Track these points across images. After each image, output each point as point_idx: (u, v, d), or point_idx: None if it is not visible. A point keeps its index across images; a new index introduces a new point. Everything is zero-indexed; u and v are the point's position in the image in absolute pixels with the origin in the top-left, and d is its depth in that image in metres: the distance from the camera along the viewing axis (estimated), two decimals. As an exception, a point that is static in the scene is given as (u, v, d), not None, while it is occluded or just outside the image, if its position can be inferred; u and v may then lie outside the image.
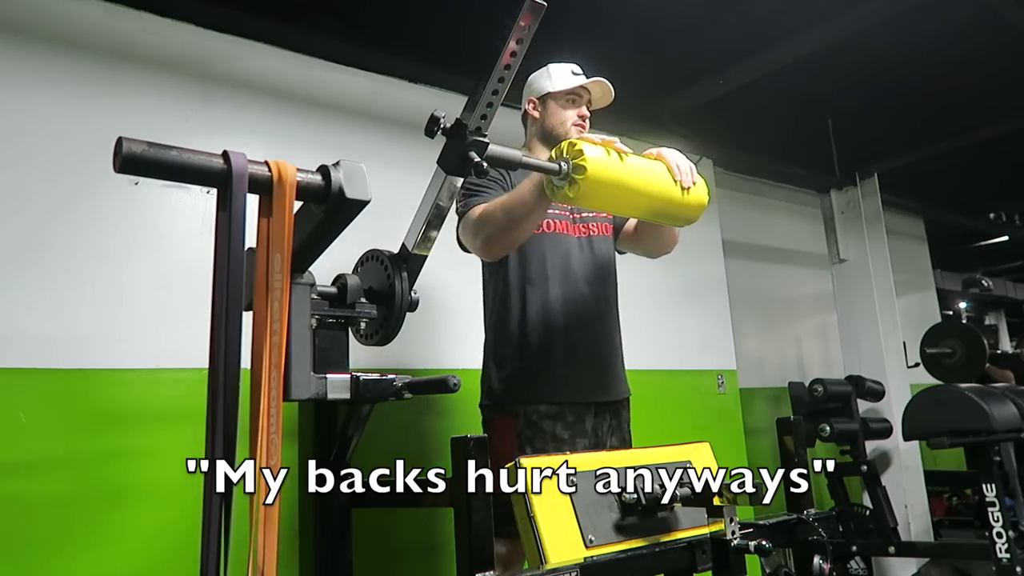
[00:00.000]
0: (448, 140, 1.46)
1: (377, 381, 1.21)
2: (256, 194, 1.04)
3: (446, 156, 1.47)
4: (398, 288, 1.32)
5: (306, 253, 1.17)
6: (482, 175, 1.46)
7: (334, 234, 1.15)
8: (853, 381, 4.33)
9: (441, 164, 1.48)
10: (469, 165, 1.42)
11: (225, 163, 1.02)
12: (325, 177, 1.07)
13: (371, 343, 1.38)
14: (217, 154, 1.03)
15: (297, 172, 1.06)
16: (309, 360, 1.17)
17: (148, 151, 0.94)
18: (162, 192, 2.30)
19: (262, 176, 1.04)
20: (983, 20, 3.24)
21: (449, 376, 1.22)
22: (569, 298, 1.97)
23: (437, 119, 1.44)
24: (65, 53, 2.20)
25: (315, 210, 1.12)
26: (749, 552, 1.28)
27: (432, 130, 1.44)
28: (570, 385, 1.89)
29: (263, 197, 1.05)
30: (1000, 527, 3.44)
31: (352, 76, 2.75)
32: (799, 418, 1.66)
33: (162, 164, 0.96)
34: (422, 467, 1.57)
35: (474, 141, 1.43)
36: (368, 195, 1.09)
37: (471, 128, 1.41)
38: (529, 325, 1.93)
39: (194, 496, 2.16)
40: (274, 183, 1.03)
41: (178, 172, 0.98)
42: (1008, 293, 9.58)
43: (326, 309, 1.29)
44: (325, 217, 1.12)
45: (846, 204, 4.89)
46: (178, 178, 0.99)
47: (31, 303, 2.02)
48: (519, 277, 1.97)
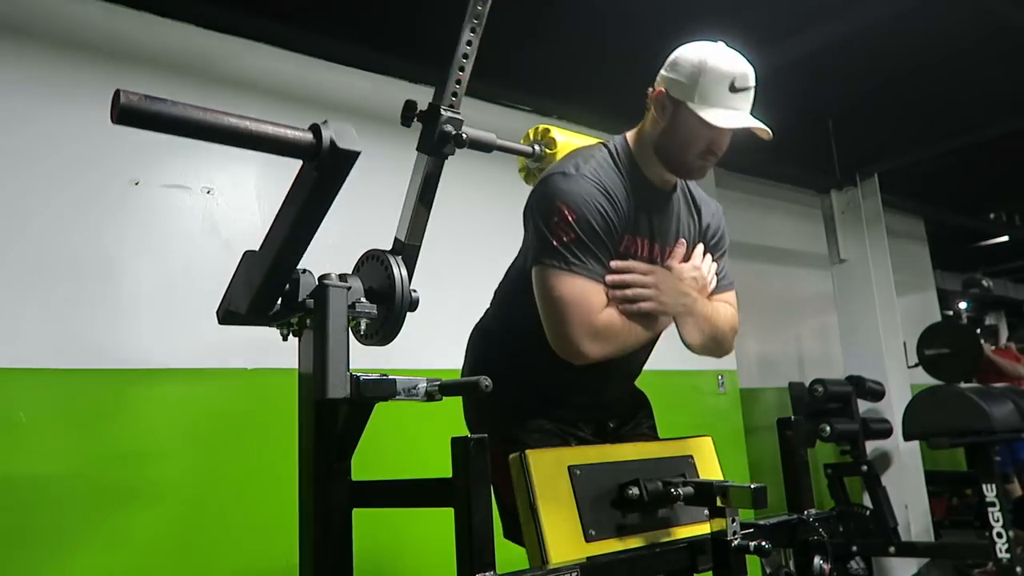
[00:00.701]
0: (424, 125, 1.47)
1: (377, 381, 1.21)
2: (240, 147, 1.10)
3: (424, 139, 1.48)
4: (398, 288, 1.32)
5: (307, 217, 1.20)
6: (461, 146, 1.45)
7: (331, 193, 1.17)
8: (853, 381, 4.33)
9: (420, 148, 1.49)
10: (448, 139, 1.44)
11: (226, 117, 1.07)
12: (316, 134, 1.11)
13: (371, 343, 1.38)
14: (215, 109, 1.07)
15: (288, 130, 1.10)
16: (345, 360, 1.18)
17: (143, 102, 0.99)
18: (162, 192, 2.30)
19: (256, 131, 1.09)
20: (983, 20, 3.24)
21: (481, 378, 1.22)
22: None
23: (413, 105, 1.45)
24: (65, 53, 2.20)
25: (309, 169, 1.16)
26: (749, 552, 1.28)
27: (408, 117, 1.46)
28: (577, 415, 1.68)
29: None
30: (1000, 527, 3.44)
31: (352, 76, 2.75)
32: (799, 418, 1.66)
33: (157, 116, 1.01)
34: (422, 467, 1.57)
35: (449, 118, 1.45)
36: (358, 146, 1.12)
37: (444, 106, 1.45)
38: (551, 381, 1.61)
39: (194, 496, 2.17)
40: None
41: (174, 125, 1.03)
42: (1008, 293, 9.59)
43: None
44: (319, 175, 1.14)
45: (846, 204, 4.89)
46: (173, 131, 1.04)
47: (31, 303, 2.02)
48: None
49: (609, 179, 1.54)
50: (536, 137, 1.74)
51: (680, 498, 1.36)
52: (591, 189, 1.49)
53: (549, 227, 1.47)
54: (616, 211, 1.51)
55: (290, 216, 1.22)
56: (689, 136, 1.52)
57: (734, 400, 3.82)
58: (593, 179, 1.51)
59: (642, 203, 1.58)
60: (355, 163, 1.13)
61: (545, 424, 1.63)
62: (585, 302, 1.45)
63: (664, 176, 1.61)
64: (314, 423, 1.32)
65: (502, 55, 3.08)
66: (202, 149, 2.40)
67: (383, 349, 1.39)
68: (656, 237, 1.61)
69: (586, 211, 1.47)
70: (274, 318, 1.37)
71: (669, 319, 1.56)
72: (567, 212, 1.46)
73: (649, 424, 1.82)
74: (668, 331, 1.61)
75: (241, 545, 2.22)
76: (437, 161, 1.48)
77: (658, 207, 1.62)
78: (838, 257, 4.87)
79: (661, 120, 1.54)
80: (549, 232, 1.47)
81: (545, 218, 1.48)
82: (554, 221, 1.46)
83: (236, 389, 2.29)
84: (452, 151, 1.47)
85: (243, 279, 1.36)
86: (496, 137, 1.60)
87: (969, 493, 5.38)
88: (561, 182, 1.50)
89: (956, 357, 5.03)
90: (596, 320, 1.45)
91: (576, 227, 1.46)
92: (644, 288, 1.50)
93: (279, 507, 2.26)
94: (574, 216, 1.46)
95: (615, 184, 1.54)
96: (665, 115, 1.54)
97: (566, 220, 1.46)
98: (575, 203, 1.47)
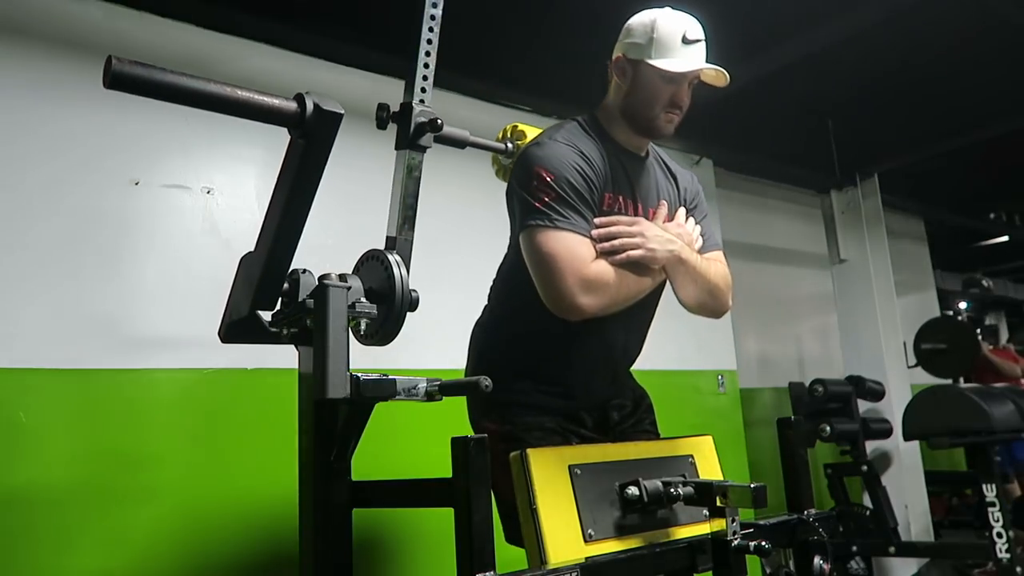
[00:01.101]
0: (399, 123, 1.50)
1: (378, 381, 1.21)
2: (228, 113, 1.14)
3: (400, 136, 1.50)
4: (398, 287, 1.32)
5: (300, 190, 1.23)
6: (437, 131, 1.46)
7: (320, 160, 1.21)
8: (853, 381, 4.33)
9: (398, 146, 1.51)
10: (424, 130, 1.47)
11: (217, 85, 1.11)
12: (300, 102, 1.17)
13: (371, 343, 1.38)
14: (204, 77, 1.10)
15: (274, 98, 1.15)
16: (345, 360, 1.19)
17: (134, 68, 1.03)
18: (162, 192, 2.30)
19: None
20: (983, 20, 3.24)
21: (481, 378, 1.23)
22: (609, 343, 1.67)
23: (385, 106, 1.48)
24: (65, 53, 2.20)
25: (296, 138, 1.20)
26: (749, 552, 1.28)
27: (382, 118, 1.48)
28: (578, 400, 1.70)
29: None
30: (1000, 527, 3.45)
31: (352, 76, 2.75)
32: (799, 418, 1.66)
33: (147, 81, 1.04)
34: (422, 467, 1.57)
35: (421, 112, 1.48)
36: (340, 109, 1.17)
37: (415, 102, 1.48)
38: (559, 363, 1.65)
39: (193, 496, 2.17)
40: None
41: (163, 90, 1.06)
42: (1008, 293, 9.59)
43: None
44: (307, 142, 1.18)
45: (846, 204, 4.89)
46: (163, 96, 1.07)
47: (31, 303, 2.02)
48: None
49: (581, 142, 1.60)
50: (510, 135, 1.77)
51: (680, 498, 1.36)
52: (565, 150, 1.56)
53: (530, 191, 1.52)
54: (592, 168, 1.56)
55: (284, 192, 1.25)
56: (651, 92, 1.59)
57: (734, 400, 3.82)
58: (565, 142, 1.58)
59: (618, 164, 1.63)
60: (339, 127, 1.18)
61: (547, 422, 1.63)
62: (574, 254, 1.47)
63: (633, 139, 1.67)
64: (314, 423, 1.32)
65: (503, 55, 3.09)
66: (202, 149, 2.41)
67: (383, 349, 1.39)
68: (638, 198, 1.65)
69: (563, 170, 1.52)
70: (274, 322, 1.37)
71: (661, 273, 1.58)
72: (545, 174, 1.51)
73: (651, 420, 1.83)
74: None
75: (241, 545, 2.22)
76: (416, 154, 1.50)
77: (635, 170, 1.67)
78: (838, 257, 4.87)
79: (623, 83, 1.62)
80: (531, 196, 1.51)
81: (525, 185, 1.54)
82: (534, 185, 1.51)
83: (236, 389, 2.29)
84: (430, 143, 1.50)
85: (243, 281, 1.36)
86: (469, 134, 1.64)
87: (969, 493, 5.38)
88: (535, 150, 1.57)
89: (953, 353, 5.04)
90: (587, 270, 1.47)
91: (556, 186, 1.51)
92: (631, 238, 1.52)
93: (279, 507, 2.27)
94: (552, 176, 1.51)
95: (588, 146, 1.60)
96: (627, 78, 1.62)
97: (545, 181, 1.51)
98: (551, 165, 1.53)
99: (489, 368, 1.58)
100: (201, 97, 1.10)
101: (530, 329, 1.63)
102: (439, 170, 2.34)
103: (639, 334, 1.75)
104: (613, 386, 1.74)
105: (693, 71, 1.56)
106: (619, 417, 1.75)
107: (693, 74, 1.58)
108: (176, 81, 1.07)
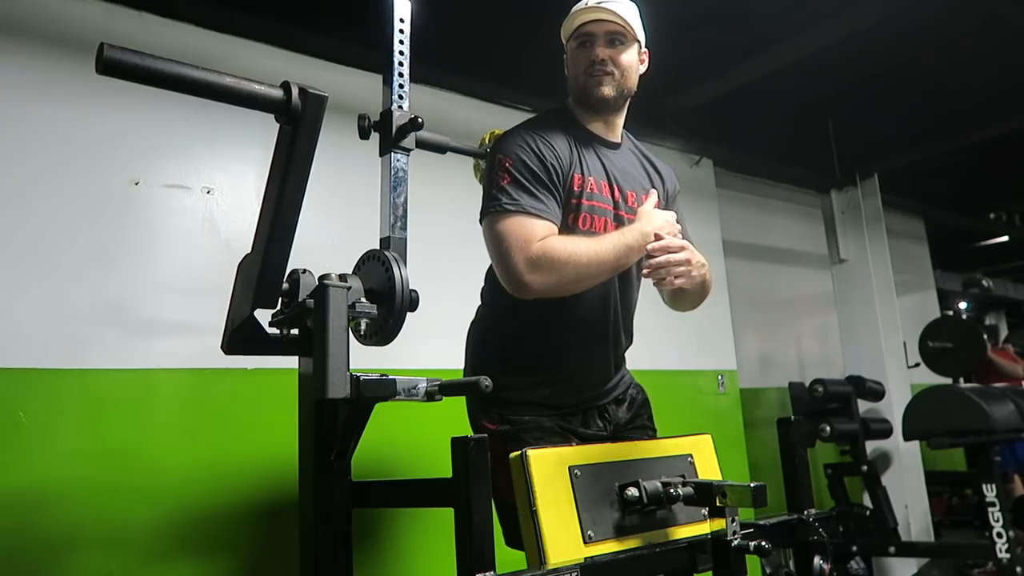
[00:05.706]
0: (381, 131, 1.52)
1: (377, 381, 1.21)
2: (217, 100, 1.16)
3: (383, 142, 1.52)
4: (398, 287, 1.32)
5: (292, 178, 1.24)
6: (418, 128, 1.48)
7: (309, 145, 1.23)
8: (853, 381, 4.33)
9: (383, 152, 1.52)
10: (405, 132, 1.49)
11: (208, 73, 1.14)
12: (286, 89, 1.21)
13: (371, 343, 1.38)
14: (195, 64, 1.13)
15: (261, 85, 1.19)
16: (345, 360, 1.19)
17: (126, 55, 1.06)
18: (162, 192, 2.30)
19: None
20: (983, 20, 3.24)
21: (481, 378, 1.23)
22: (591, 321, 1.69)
23: (365, 116, 1.51)
24: (65, 53, 2.20)
25: (284, 125, 1.23)
26: (749, 552, 1.28)
27: (364, 127, 1.51)
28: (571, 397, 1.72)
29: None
30: (1000, 527, 3.44)
31: (352, 76, 2.75)
32: (799, 418, 1.66)
33: (138, 68, 1.07)
34: (422, 467, 1.57)
35: (401, 115, 1.50)
36: (325, 93, 1.21)
37: (395, 107, 1.50)
38: (542, 348, 1.68)
39: (193, 496, 2.17)
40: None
41: (154, 77, 1.09)
42: (1008, 293, 9.58)
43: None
44: (295, 128, 1.21)
45: (846, 204, 4.89)
46: (154, 82, 1.10)
47: (31, 303, 2.02)
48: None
49: (546, 126, 1.67)
50: (489, 142, 1.82)
51: (680, 498, 1.36)
52: (524, 135, 1.63)
53: (491, 179, 1.60)
54: (553, 150, 1.62)
55: (276, 182, 1.27)
56: (573, 63, 1.70)
57: (734, 400, 3.82)
58: (526, 128, 1.66)
59: (590, 148, 1.70)
60: (324, 110, 1.21)
61: (545, 420, 1.65)
62: (520, 234, 1.52)
63: (598, 125, 1.74)
64: (314, 423, 1.32)
65: (502, 55, 3.09)
66: (202, 149, 2.40)
67: (383, 349, 1.39)
68: (617, 181, 1.71)
69: (520, 153, 1.59)
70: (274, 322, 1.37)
71: (636, 263, 1.63)
72: (503, 159, 1.59)
73: (648, 415, 1.86)
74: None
75: (241, 545, 2.22)
76: (401, 156, 1.52)
77: (609, 155, 1.74)
78: (838, 257, 4.87)
79: (566, 71, 1.74)
80: (490, 184, 1.60)
81: (488, 174, 1.63)
82: (495, 172, 1.59)
83: (236, 389, 2.29)
84: (412, 144, 1.52)
85: (242, 283, 1.36)
86: (450, 140, 1.69)
87: (969, 493, 5.38)
88: (499, 140, 1.67)
89: (959, 352, 5.03)
90: (530, 249, 1.51)
91: (512, 170, 1.57)
92: (678, 266, 1.57)
93: (279, 507, 2.27)
94: (510, 161, 1.59)
95: (552, 129, 1.67)
96: (565, 64, 1.74)
97: (503, 166, 1.58)
98: (509, 150, 1.60)
99: (485, 365, 1.62)
100: (189, 83, 1.13)
101: (518, 324, 1.68)
102: (439, 170, 2.34)
103: (627, 311, 1.78)
104: (608, 374, 1.76)
105: (584, 20, 1.63)
106: (616, 412, 1.77)
107: (590, 27, 1.64)
108: (165, 68, 1.10)
